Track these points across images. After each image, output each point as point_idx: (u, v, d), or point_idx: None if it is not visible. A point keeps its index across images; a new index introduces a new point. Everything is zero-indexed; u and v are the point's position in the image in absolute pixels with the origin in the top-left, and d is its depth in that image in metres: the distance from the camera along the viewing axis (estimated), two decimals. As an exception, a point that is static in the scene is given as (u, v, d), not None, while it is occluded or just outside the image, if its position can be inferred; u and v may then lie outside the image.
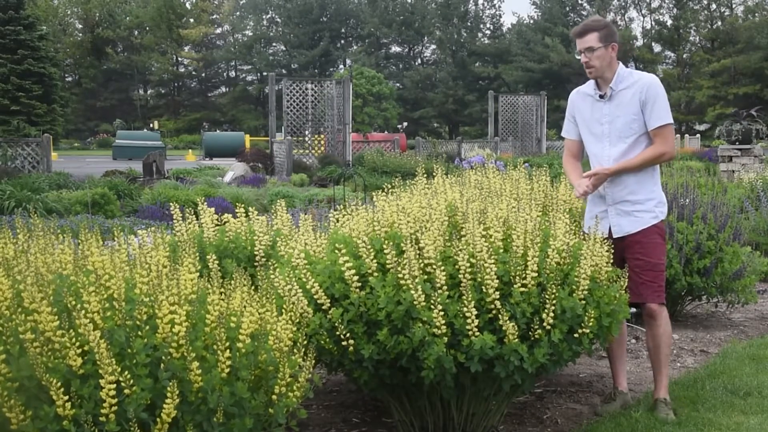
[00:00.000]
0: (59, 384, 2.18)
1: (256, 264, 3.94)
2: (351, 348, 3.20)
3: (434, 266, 3.15)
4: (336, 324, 3.19)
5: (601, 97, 3.93)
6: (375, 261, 3.26)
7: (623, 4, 60.61)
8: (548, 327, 3.19)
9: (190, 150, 42.08)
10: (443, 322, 3.03)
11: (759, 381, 4.42)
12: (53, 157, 20.47)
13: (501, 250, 3.32)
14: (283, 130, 21.98)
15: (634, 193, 3.89)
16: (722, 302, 6.14)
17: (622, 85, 3.89)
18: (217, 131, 53.08)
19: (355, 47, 67.16)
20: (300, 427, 3.38)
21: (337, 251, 3.29)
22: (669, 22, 59.46)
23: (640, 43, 57.83)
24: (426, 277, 3.19)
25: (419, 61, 69.03)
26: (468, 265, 3.13)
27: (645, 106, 3.83)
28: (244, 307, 2.63)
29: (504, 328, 3.08)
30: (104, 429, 2.20)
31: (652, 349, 4.03)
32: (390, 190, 3.94)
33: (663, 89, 3.89)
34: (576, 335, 3.33)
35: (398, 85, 60.44)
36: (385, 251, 3.18)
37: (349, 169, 18.94)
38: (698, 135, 42.59)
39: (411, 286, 3.08)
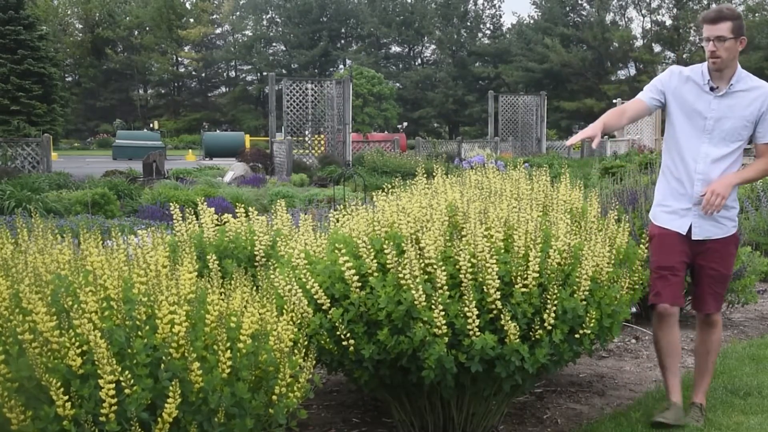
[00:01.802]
0: (59, 384, 2.18)
1: (256, 264, 3.93)
2: (351, 348, 3.20)
3: (435, 266, 3.15)
4: (336, 324, 3.19)
5: (711, 89, 3.65)
6: (375, 261, 3.25)
7: (623, 4, 60.60)
8: (549, 327, 3.19)
9: (190, 150, 42.06)
10: (444, 322, 3.03)
11: (759, 381, 4.42)
12: (53, 157, 20.47)
13: (502, 251, 3.32)
14: (283, 130, 21.97)
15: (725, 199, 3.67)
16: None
17: (740, 85, 3.65)
18: (217, 131, 53.06)
19: (354, 47, 67.16)
20: (300, 427, 3.38)
21: (337, 251, 3.28)
22: (669, 22, 59.46)
23: (639, 43, 57.82)
24: (426, 277, 3.19)
25: (419, 61, 69.04)
26: (469, 265, 3.12)
27: (764, 117, 3.63)
28: (245, 307, 2.63)
29: (505, 328, 3.08)
30: (105, 429, 2.20)
31: (703, 355, 3.89)
32: (390, 190, 3.93)
33: None
34: (577, 336, 3.34)
35: (398, 85, 60.42)
36: (386, 251, 3.18)
37: (349, 169, 18.92)
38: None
39: (411, 286, 3.07)
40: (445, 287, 3.11)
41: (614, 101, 30.90)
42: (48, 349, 2.28)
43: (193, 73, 70.20)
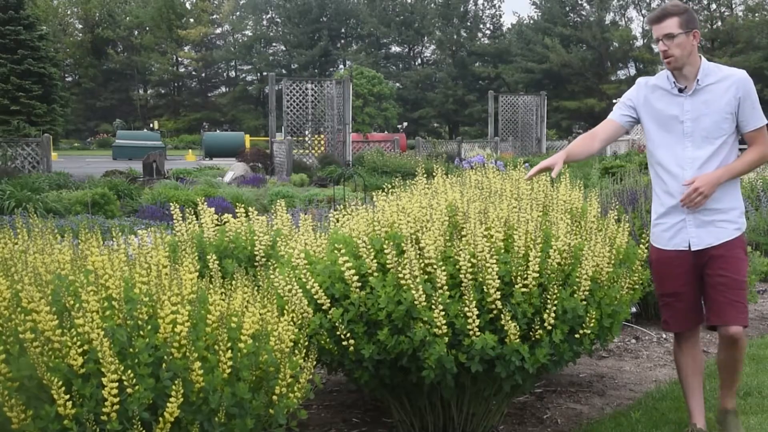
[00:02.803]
0: (60, 383, 2.18)
1: (256, 264, 3.94)
2: (351, 348, 3.20)
3: (435, 266, 3.15)
4: (336, 324, 3.19)
5: (680, 91, 3.45)
6: (375, 261, 3.26)
7: (623, 4, 60.58)
8: (549, 327, 3.19)
9: (190, 150, 42.06)
10: (444, 322, 3.03)
11: (759, 381, 4.42)
12: (53, 157, 20.47)
13: (502, 251, 3.33)
14: (283, 130, 21.99)
15: (717, 201, 3.41)
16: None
17: (709, 79, 3.42)
18: (217, 131, 53.07)
19: (354, 47, 67.14)
20: (300, 427, 3.38)
21: (337, 251, 3.29)
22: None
23: (639, 43, 57.79)
24: (426, 277, 3.19)
25: (419, 61, 69.02)
26: (469, 265, 3.13)
27: (743, 104, 3.38)
28: (246, 307, 2.63)
29: (506, 328, 3.08)
30: (106, 428, 2.20)
31: (727, 368, 3.55)
32: (390, 190, 3.94)
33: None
34: (577, 336, 3.34)
35: (398, 85, 60.42)
36: (386, 251, 3.18)
37: (349, 169, 18.94)
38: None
39: (411, 286, 3.08)
40: (445, 287, 3.11)
41: (614, 101, 30.86)
42: (49, 348, 2.28)
43: (193, 73, 70.20)
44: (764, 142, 3.44)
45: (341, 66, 63.93)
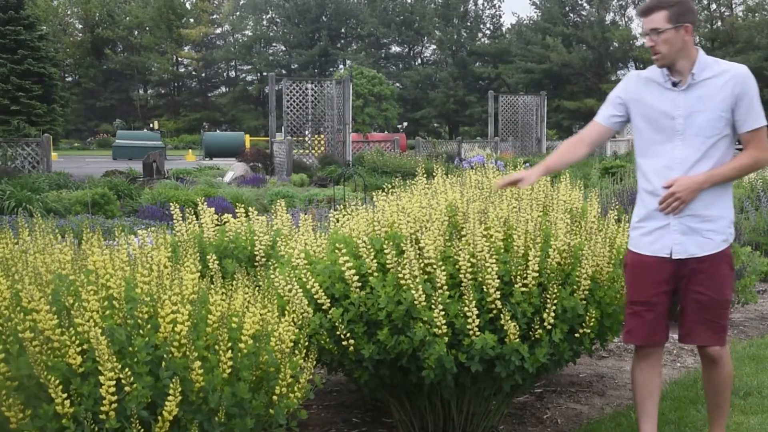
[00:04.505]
0: (58, 382, 2.18)
1: (256, 264, 3.94)
2: (351, 348, 3.20)
3: (434, 266, 3.15)
4: (336, 324, 3.19)
5: (674, 85, 3.14)
6: (375, 261, 3.26)
7: (623, 4, 60.57)
8: (549, 327, 3.19)
9: (190, 150, 42.08)
10: (444, 321, 3.03)
11: (759, 381, 4.42)
12: (53, 157, 20.47)
13: (502, 250, 3.33)
14: (283, 130, 21.98)
15: (707, 207, 3.10)
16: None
17: (706, 73, 3.11)
18: (217, 131, 53.08)
19: (354, 47, 67.17)
20: (300, 427, 3.38)
21: (337, 251, 3.29)
22: (669, 23, 59.28)
23: (639, 42, 57.76)
24: (426, 276, 3.19)
25: (419, 61, 69.03)
26: (469, 264, 3.13)
27: (739, 102, 3.06)
28: (246, 307, 2.63)
29: (505, 327, 3.08)
30: (104, 427, 2.20)
31: (713, 394, 3.27)
32: (390, 190, 3.94)
33: (755, 83, 3.13)
34: (577, 335, 3.34)
35: (398, 85, 60.43)
36: (386, 251, 3.18)
37: (349, 169, 18.93)
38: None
39: (411, 285, 3.08)
40: (445, 287, 3.11)
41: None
42: (48, 347, 2.28)
43: (193, 73, 70.20)
44: (760, 146, 3.10)
45: (341, 66, 63.91)
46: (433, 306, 3.04)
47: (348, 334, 3.19)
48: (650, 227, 3.18)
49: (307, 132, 22.25)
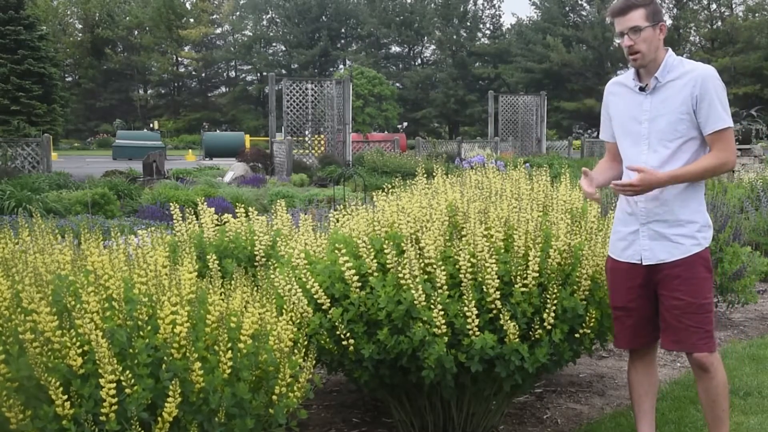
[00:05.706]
0: (58, 383, 2.18)
1: (256, 264, 3.94)
2: (351, 348, 3.20)
3: (434, 266, 3.15)
4: (336, 324, 3.19)
5: (641, 89, 3.11)
6: (375, 261, 3.26)
7: (623, 4, 60.51)
8: (549, 327, 3.19)
9: (190, 150, 42.08)
10: (443, 321, 3.04)
11: (759, 381, 4.42)
12: (53, 157, 20.49)
13: (502, 250, 3.33)
14: (283, 130, 21.98)
15: (673, 212, 3.07)
16: (722, 302, 6.13)
17: (670, 75, 3.06)
18: (217, 131, 53.07)
19: (354, 47, 67.17)
20: (300, 427, 3.38)
21: (337, 251, 3.29)
22: (669, 22, 59.43)
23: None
24: (426, 276, 3.19)
25: (419, 61, 69.02)
26: (469, 264, 3.13)
27: (700, 103, 2.99)
28: (245, 307, 2.63)
29: (505, 327, 3.08)
30: (104, 428, 2.20)
31: (707, 405, 3.16)
32: (390, 190, 3.94)
33: (722, 83, 3.05)
34: (577, 335, 3.34)
35: (398, 85, 60.42)
36: (386, 251, 3.18)
37: (349, 169, 18.93)
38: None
39: (411, 285, 3.08)
40: (445, 287, 3.11)
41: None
42: (48, 348, 2.28)
43: (193, 73, 70.20)
44: (726, 147, 3.02)
45: (341, 66, 63.93)
46: (432, 306, 3.04)
47: (348, 334, 3.19)
48: (624, 232, 3.18)
49: (307, 132, 22.25)
